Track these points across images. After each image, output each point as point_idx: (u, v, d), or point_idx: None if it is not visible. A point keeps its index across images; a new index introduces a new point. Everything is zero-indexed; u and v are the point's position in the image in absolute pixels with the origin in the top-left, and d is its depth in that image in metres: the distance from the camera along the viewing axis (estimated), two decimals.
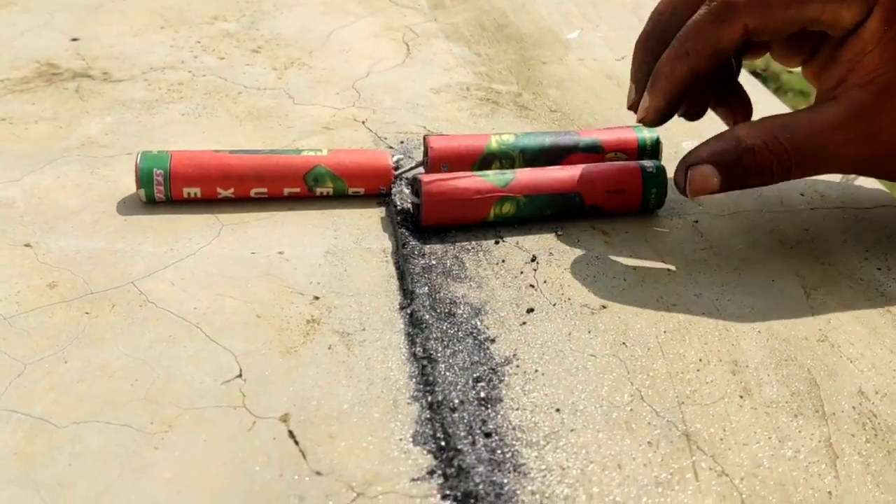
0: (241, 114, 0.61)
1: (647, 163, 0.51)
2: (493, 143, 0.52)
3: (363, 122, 0.61)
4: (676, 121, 0.62)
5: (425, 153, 0.52)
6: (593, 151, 0.53)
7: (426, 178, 0.48)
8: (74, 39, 0.70)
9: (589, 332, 0.42)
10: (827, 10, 0.42)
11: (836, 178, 0.57)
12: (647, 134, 0.54)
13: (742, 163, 0.45)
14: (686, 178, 0.46)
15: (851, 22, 0.42)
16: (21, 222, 0.48)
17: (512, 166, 0.52)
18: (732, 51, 0.45)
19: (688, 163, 0.46)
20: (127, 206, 0.50)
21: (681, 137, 0.60)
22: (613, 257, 0.48)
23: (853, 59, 0.43)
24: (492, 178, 0.49)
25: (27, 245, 0.46)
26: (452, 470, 0.35)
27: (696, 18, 0.44)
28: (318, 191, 0.51)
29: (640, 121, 0.49)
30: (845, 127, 0.44)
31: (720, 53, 0.45)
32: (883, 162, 0.46)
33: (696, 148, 0.47)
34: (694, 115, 0.51)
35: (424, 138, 0.52)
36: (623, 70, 0.71)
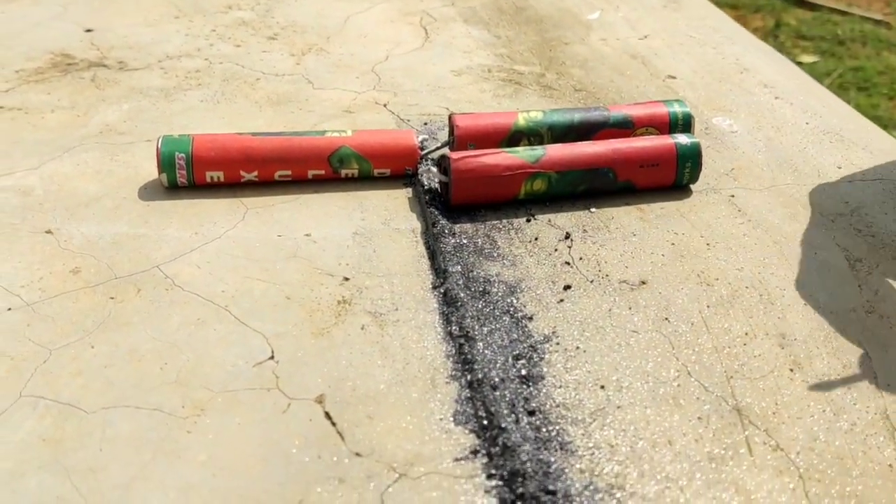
0: (261, 99, 0.60)
1: (681, 136, 0.49)
2: (521, 119, 0.51)
3: (385, 105, 0.59)
4: (707, 97, 0.60)
5: (451, 132, 0.51)
6: (624, 127, 0.52)
7: (455, 155, 0.47)
8: (88, 30, 0.69)
9: (629, 308, 0.41)
10: None
11: (872, 150, 0.55)
12: (679, 109, 0.52)
13: None
14: None
15: None
16: (41, 209, 0.47)
17: (541, 143, 0.50)
18: None
19: None
20: (149, 192, 0.48)
21: (710, 114, 0.59)
22: (650, 233, 0.46)
23: None
24: (522, 155, 0.47)
25: (48, 231, 0.45)
26: (497, 449, 0.33)
27: None
28: (344, 172, 0.49)
29: None
30: None
31: None
32: None
33: None
34: None
35: (450, 117, 0.51)
36: (647, 49, 0.69)
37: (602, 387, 0.37)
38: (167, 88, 0.60)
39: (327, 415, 0.35)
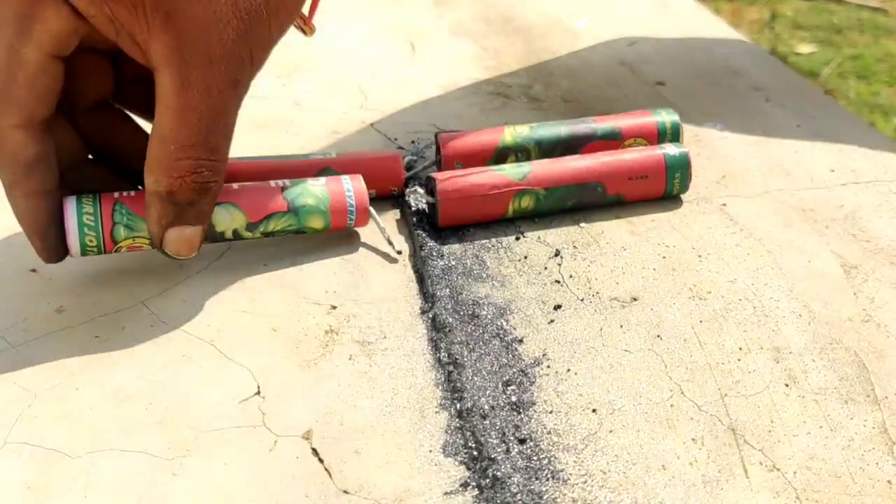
0: (245, 123, 0.59)
1: (670, 147, 0.49)
2: (508, 136, 0.50)
3: (372, 125, 0.59)
4: (695, 101, 0.60)
5: (438, 151, 0.50)
6: (611, 139, 0.51)
7: (440, 175, 0.46)
8: None
9: (621, 326, 0.40)
10: None
11: (865, 151, 0.55)
12: (667, 117, 0.51)
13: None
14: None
15: None
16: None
17: (528, 159, 0.50)
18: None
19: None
20: None
21: (700, 119, 0.58)
22: (640, 247, 0.46)
23: None
24: (508, 172, 0.47)
25: (33, 270, 0.44)
26: (487, 481, 0.33)
27: None
28: None
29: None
30: None
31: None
32: None
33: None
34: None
35: (436, 136, 0.51)
36: (635, 55, 0.69)
37: (594, 410, 0.36)
38: None
39: (314, 451, 0.34)
